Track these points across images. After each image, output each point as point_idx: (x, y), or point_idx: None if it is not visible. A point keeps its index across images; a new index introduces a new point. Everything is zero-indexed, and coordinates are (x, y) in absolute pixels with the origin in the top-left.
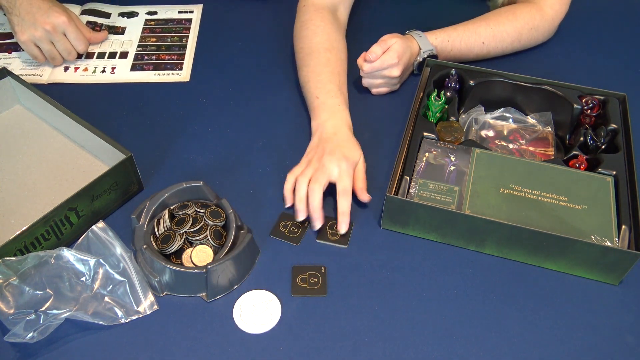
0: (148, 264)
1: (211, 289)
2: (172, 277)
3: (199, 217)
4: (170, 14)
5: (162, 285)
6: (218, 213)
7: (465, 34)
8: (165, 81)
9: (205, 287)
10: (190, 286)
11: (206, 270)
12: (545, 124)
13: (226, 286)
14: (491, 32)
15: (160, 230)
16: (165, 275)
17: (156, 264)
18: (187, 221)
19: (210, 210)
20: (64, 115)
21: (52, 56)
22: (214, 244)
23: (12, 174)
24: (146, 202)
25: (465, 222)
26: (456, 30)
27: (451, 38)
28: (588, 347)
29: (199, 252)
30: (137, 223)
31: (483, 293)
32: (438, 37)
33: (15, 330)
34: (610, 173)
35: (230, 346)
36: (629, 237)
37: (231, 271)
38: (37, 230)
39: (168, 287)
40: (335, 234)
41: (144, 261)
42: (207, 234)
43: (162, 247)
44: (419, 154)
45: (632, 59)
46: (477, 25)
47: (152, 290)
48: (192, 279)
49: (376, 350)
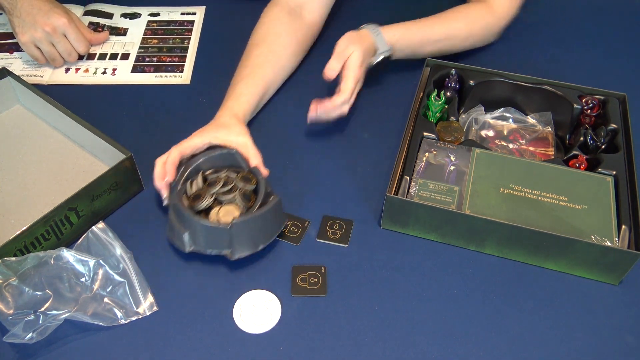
0: (178, 219)
1: (236, 246)
2: (199, 231)
3: (230, 180)
4: (173, 16)
5: (189, 240)
6: (249, 179)
7: (420, 31)
8: (166, 83)
9: (229, 244)
10: (216, 242)
11: (231, 225)
12: (545, 124)
13: (250, 245)
14: (444, 30)
15: (193, 190)
16: (192, 230)
17: (185, 218)
18: (218, 182)
19: (242, 175)
20: (64, 116)
21: (52, 57)
22: (243, 204)
23: (12, 174)
24: (181, 166)
25: (465, 222)
26: (413, 26)
27: (407, 35)
28: (588, 347)
29: (226, 211)
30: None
31: (483, 293)
32: (396, 34)
33: (14, 330)
34: (610, 173)
35: (230, 346)
36: (629, 237)
37: (256, 229)
38: (37, 230)
39: (194, 242)
40: (335, 233)
41: (175, 218)
42: (237, 194)
43: (193, 204)
44: (419, 154)
45: (632, 59)
46: (432, 22)
47: (179, 245)
48: (217, 233)
49: (376, 350)
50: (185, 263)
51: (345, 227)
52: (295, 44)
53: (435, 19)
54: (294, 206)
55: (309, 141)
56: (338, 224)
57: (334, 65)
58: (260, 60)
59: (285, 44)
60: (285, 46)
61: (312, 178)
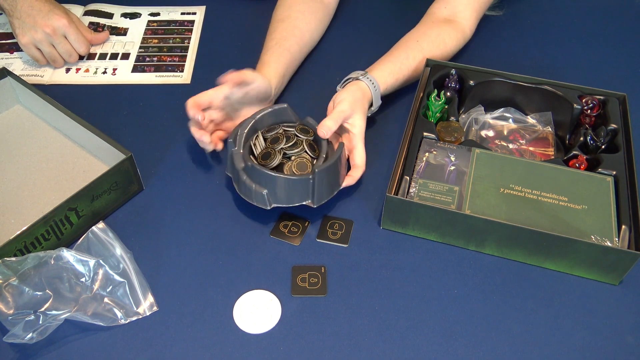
0: (254, 179)
1: (318, 194)
2: (281, 186)
3: (290, 135)
4: (173, 15)
5: (269, 197)
6: (306, 130)
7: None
8: (166, 83)
9: (311, 194)
10: (298, 193)
11: (313, 175)
12: (545, 124)
13: (328, 191)
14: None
15: (258, 150)
16: (273, 186)
17: (265, 176)
18: (281, 139)
19: (300, 127)
20: (64, 115)
21: (53, 58)
22: (311, 155)
23: (12, 174)
24: (237, 129)
25: (465, 222)
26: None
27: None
28: (588, 347)
29: (299, 163)
30: (233, 147)
31: (483, 293)
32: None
33: (14, 330)
34: (610, 173)
35: (230, 346)
36: (629, 237)
37: (334, 175)
38: (37, 230)
39: (275, 198)
40: (335, 233)
41: (248, 179)
42: (304, 146)
43: (265, 162)
44: (419, 154)
45: (632, 59)
46: (414, 57)
47: (259, 203)
48: (300, 185)
49: (376, 350)
50: (185, 263)
51: (345, 227)
52: (316, 21)
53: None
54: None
55: None
56: (338, 224)
57: (332, 126)
58: (285, 34)
59: (308, 20)
60: (307, 22)
61: None
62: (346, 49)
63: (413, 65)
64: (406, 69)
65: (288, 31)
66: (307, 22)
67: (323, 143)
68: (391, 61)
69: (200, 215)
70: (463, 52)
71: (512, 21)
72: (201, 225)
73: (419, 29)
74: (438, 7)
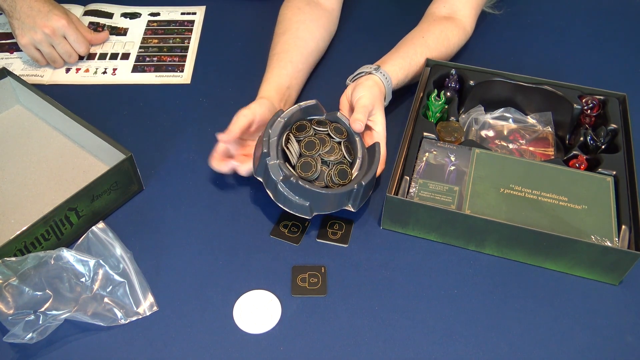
0: (297, 192)
1: (360, 200)
2: (325, 199)
3: (324, 137)
4: (173, 15)
5: (312, 207)
6: (340, 129)
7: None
8: (166, 83)
9: (351, 200)
10: (340, 202)
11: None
12: (545, 124)
13: (367, 196)
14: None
15: (294, 157)
16: (316, 199)
17: (309, 192)
18: (317, 144)
19: (333, 126)
20: (64, 115)
21: (52, 59)
22: (349, 159)
23: (12, 174)
24: (267, 132)
25: (465, 222)
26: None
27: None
28: (588, 347)
29: (340, 171)
30: (267, 156)
31: (483, 293)
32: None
33: (14, 330)
34: (610, 173)
35: (230, 346)
36: (629, 237)
37: (373, 181)
38: (37, 230)
39: (318, 208)
40: (335, 233)
41: (290, 192)
42: (342, 151)
43: (306, 174)
44: (419, 154)
45: (632, 59)
46: (421, 52)
47: (301, 213)
48: (344, 196)
49: (376, 350)
50: (185, 263)
51: (345, 227)
52: (319, 28)
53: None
54: None
55: None
56: (338, 224)
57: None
58: (286, 47)
59: (310, 29)
60: (310, 31)
61: None
62: (346, 49)
63: (421, 61)
64: (415, 65)
65: (289, 43)
66: (309, 30)
67: (357, 142)
68: (401, 56)
69: (200, 215)
70: (463, 52)
71: (512, 21)
72: (201, 225)
73: (422, 27)
74: (437, 7)
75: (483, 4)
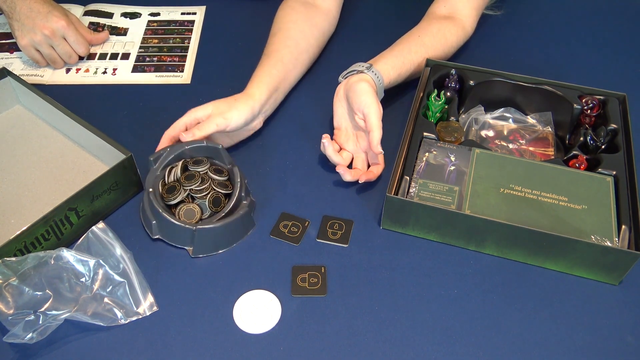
0: (149, 207)
1: (197, 247)
2: (165, 225)
3: (207, 179)
4: (173, 15)
5: (156, 229)
6: (225, 184)
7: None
8: (166, 83)
9: (191, 243)
10: (179, 238)
11: (195, 229)
12: (545, 124)
13: (211, 248)
14: (426, 56)
15: (170, 179)
16: (159, 221)
17: (155, 209)
18: (196, 179)
19: (220, 180)
20: (64, 115)
21: (52, 60)
22: (210, 209)
23: (12, 174)
24: (167, 149)
25: (465, 222)
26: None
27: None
28: (588, 347)
29: (188, 210)
30: (153, 165)
31: (483, 293)
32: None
33: (14, 330)
34: (610, 173)
35: (230, 346)
36: (629, 237)
37: (219, 235)
38: (37, 230)
39: (161, 232)
40: (335, 233)
41: (147, 203)
42: (208, 197)
43: (167, 196)
44: (419, 154)
45: (632, 59)
46: (416, 51)
47: (147, 229)
48: (180, 232)
49: (376, 350)
50: (185, 263)
51: (345, 227)
52: (312, 27)
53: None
54: (294, 206)
55: (310, 141)
56: (338, 224)
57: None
58: (277, 46)
59: (302, 28)
60: (302, 30)
61: (312, 178)
62: (346, 48)
63: (416, 60)
64: (409, 64)
65: (281, 42)
66: (301, 30)
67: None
68: (394, 55)
69: None
70: (463, 52)
71: (512, 21)
72: None
73: (420, 26)
74: (437, 7)
75: (485, 4)
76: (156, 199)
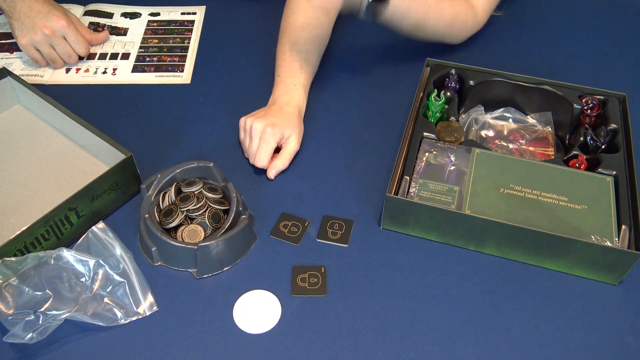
0: (148, 234)
1: (201, 266)
2: (166, 249)
3: (202, 197)
4: (173, 15)
5: (157, 255)
6: (221, 201)
7: None
8: (166, 83)
9: (195, 264)
10: (182, 261)
11: (197, 247)
12: (545, 124)
13: (216, 266)
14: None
15: (165, 204)
16: (159, 246)
17: (153, 234)
18: (191, 199)
19: (215, 197)
20: (64, 115)
21: (52, 59)
22: (211, 225)
23: (12, 174)
24: (157, 175)
25: (465, 222)
26: None
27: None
28: (588, 347)
29: (192, 231)
30: (146, 193)
31: (483, 293)
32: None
33: (14, 330)
34: (610, 173)
35: (230, 346)
36: (629, 237)
37: (222, 252)
38: (37, 230)
39: (162, 258)
40: (335, 233)
41: (144, 230)
42: (207, 214)
43: (164, 220)
44: (419, 154)
45: (632, 59)
46: None
47: (148, 258)
48: (183, 253)
49: (376, 350)
50: None
51: (345, 227)
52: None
53: None
54: (294, 206)
55: (309, 141)
56: (338, 224)
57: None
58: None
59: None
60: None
61: (312, 178)
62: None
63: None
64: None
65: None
66: (324, 28)
67: (230, 215)
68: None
69: None
70: (463, 52)
71: (512, 21)
72: None
73: None
74: None
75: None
76: (153, 224)
